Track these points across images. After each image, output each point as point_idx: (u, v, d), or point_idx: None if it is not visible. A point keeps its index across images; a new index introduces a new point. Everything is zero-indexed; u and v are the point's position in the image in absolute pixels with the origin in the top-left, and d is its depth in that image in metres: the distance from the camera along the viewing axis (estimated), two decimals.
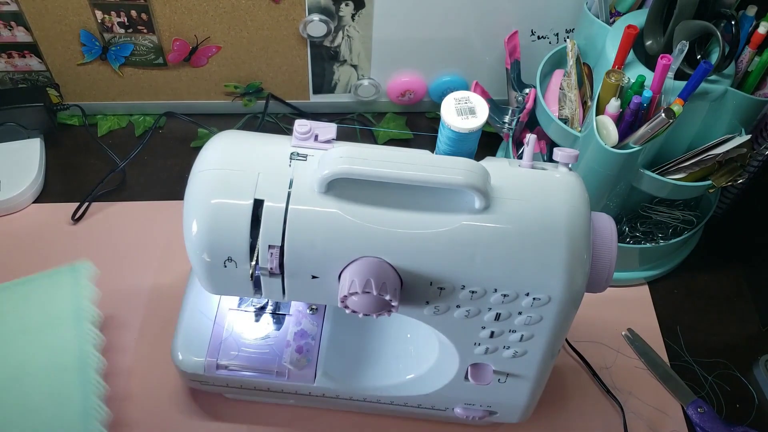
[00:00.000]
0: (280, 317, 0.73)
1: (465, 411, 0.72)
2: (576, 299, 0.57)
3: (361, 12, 0.91)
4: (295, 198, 0.54)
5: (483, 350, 0.63)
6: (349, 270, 0.55)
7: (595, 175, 0.76)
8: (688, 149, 0.78)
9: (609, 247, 0.57)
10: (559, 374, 0.81)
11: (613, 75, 0.73)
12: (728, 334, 0.86)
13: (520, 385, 0.67)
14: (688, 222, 0.86)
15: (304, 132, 0.57)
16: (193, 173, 0.57)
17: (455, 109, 0.56)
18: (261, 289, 0.59)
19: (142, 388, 0.78)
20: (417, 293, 0.57)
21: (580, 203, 0.56)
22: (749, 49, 0.75)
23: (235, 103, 1.03)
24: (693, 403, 0.79)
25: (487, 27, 0.94)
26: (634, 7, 0.81)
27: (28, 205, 0.93)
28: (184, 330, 0.72)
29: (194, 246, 0.56)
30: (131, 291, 0.85)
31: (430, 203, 0.55)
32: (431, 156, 0.55)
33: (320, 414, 0.77)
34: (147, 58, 0.95)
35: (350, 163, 0.52)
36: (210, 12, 0.90)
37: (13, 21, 0.90)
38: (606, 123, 0.74)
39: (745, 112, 0.76)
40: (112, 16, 0.90)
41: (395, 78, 1.00)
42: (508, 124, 0.87)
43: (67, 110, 1.00)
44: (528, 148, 0.58)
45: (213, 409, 0.77)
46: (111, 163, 0.96)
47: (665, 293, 0.89)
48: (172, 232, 0.90)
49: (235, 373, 0.71)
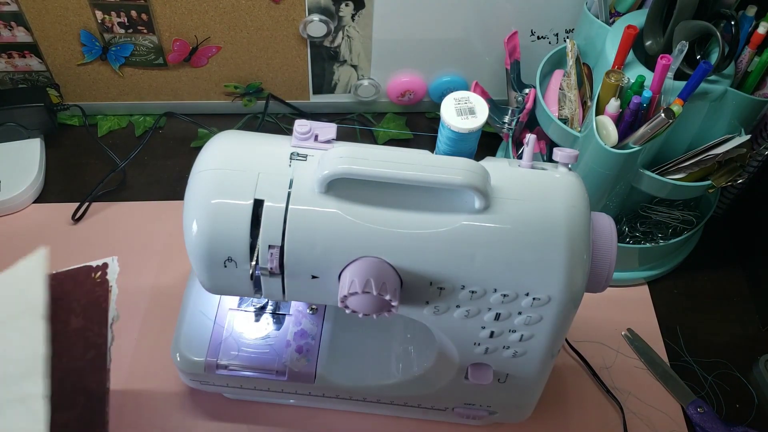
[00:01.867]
0: (280, 317, 0.74)
1: (465, 411, 0.72)
2: (576, 299, 0.57)
3: (361, 12, 0.91)
4: (295, 198, 0.54)
5: (483, 350, 0.63)
6: (349, 270, 0.55)
7: (595, 175, 0.76)
8: (687, 149, 0.78)
9: (609, 247, 0.57)
10: (559, 374, 0.81)
11: (613, 75, 0.73)
12: (728, 334, 0.86)
13: (520, 385, 0.67)
14: (687, 222, 0.86)
15: (304, 132, 0.57)
16: (193, 173, 0.57)
17: (455, 109, 0.56)
18: (261, 289, 0.59)
19: (142, 388, 0.78)
20: (417, 293, 0.57)
21: (580, 203, 0.56)
22: (749, 49, 0.75)
23: (235, 103, 1.03)
24: (693, 403, 0.79)
25: (487, 27, 0.94)
26: (634, 7, 0.81)
27: (28, 205, 0.93)
28: (184, 330, 0.72)
29: (194, 246, 0.56)
30: (131, 291, 0.85)
31: (430, 203, 0.55)
32: (431, 156, 0.55)
33: (320, 414, 0.77)
34: (147, 59, 0.95)
35: (350, 163, 0.52)
36: (210, 12, 0.90)
37: (13, 21, 0.90)
38: (606, 123, 0.74)
39: (744, 112, 0.76)
40: (113, 17, 0.90)
41: (395, 78, 1.00)
42: (507, 124, 0.87)
43: (67, 110, 1.00)
44: (528, 148, 0.58)
45: (213, 409, 0.77)
46: (111, 163, 0.96)
47: (665, 293, 0.89)
48: (172, 232, 0.90)
49: (235, 373, 0.71)
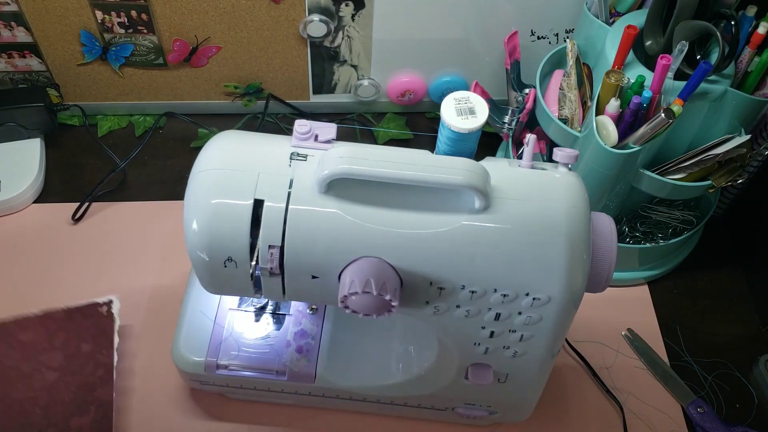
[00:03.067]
0: (280, 317, 0.74)
1: (465, 411, 0.72)
2: (576, 299, 0.57)
3: (361, 12, 0.91)
4: (295, 198, 0.54)
5: (483, 350, 0.63)
6: (349, 270, 0.55)
7: (595, 175, 0.76)
8: (688, 149, 0.78)
9: (609, 247, 0.57)
10: (559, 374, 0.81)
11: (613, 75, 0.73)
12: (728, 334, 0.86)
13: (520, 385, 0.67)
14: (687, 222, 0.86)
15: (304, 132, 0.57)
16: (193, 173, 0.57)
17: (455, 109, 0.56)
18: (261, 289, 0.59)
19: (142, 388, 0.78)
20: (417, 293, 0.57)
21: (580, 203, 0.56)
22: (749, 49, 0.75)
23: (235, 103, 1.03)
24: (693, 403, 0.79)
25: (487, 27, 0.94)
26: (634, 7, 0.81)
27: (28, 205, 0.93)
28: (184, 330, 0.72)
29: (194, 246, 0.56)
30: (131, 291, 0.85)
31: (430, 203, 0.55)
32: (431, 156, 0.55)
33: (320, 414, 0.77)
34: (147, 59, 0.95)
35: (350, 163, 0.52)
36: (210, 12, 0.90)
37: (13, 21, 0.90)
38: (606, 123, 0.74)
39: (744, 112, 0.76)
40: (113, 16, 0.90)
41: (395, 78, 1.00)
42: (507, 124, 0.87)
43: (67, 110, 1.00)
44: (528, 148, 0.58)
45: (213, 409, 0.77)
46: (111, 163, 0.96)
47: (665, 293, 0.89)
48: (172, 232, 0.90)
49: (235, 373, 0.71)
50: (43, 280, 0.86)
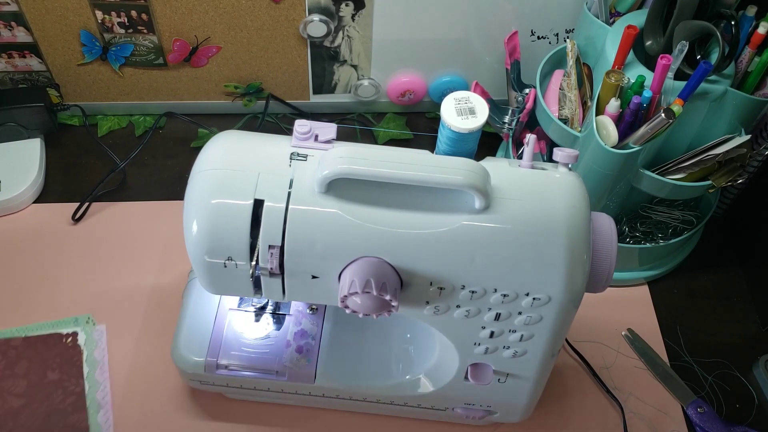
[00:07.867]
0: (280, 317, 0.74)
1: (465, 411, 0.72)
2: (576, 299, 0.57)
3: (361, 12, 0.91)
4: (295, 198, 0.54)
5: (483, 350, 0.63)
6: (349, 270, 0.55)
7: (595, 175, 0.76)
8: (688, 149, 0.78)
9: (609, 247, 0.57)
10: (559, 374, 0.81)
11: (613, 75, 0.73)
12: (728, 334, 0.86)
13: (520, 385, 0.67)
14: (688, 222, 0.86)
15: (304, 132, 0.57)
16: (193, 173, 0.57)
17: (455, 109, 0.56)
18: (261, 289, 0.59)
19: (142, 388, 0.78)
20: (417, 293, 0.57)
21: (580, 203, 0.56)
22: (749, 49, 0.75)
23: (235, 103, 1.03)
24: (693, 403, 0.79)
25: (487, 27, 0.94)
26: (634, 7, 0.81)
27: (28, 205, 0.93)
28: (184, 330, 0.72)
29: (194, 246, 0.56)
30: (131, 291, 0.85)
31: (430, 203, 0.55)
32: (431, 156, 0.55)
33: (320, 414, 0.77)
34: (147, 59, 0.95)
35: (350, 163, 0.52)
36: (210, 12, 0.90)
37: (13, 21, 0.90)
38: (606, 123, 0.74)
39: (744, 112, 0.76)
40: (113, 16, 0.90)
41: (395, 78, 1.00)
42: (508, 124, 0.87)
43: (67, 110, 1.00)
44: (528, 148, 0.58)
45: (213, 409, 0.77)
46: (111, 163, 0.96)
47: (665, 293, 0.89)
48: (172, 232, 0.90)
49: (235, 373, 0.71)
50: (43, 280, 0.86)
